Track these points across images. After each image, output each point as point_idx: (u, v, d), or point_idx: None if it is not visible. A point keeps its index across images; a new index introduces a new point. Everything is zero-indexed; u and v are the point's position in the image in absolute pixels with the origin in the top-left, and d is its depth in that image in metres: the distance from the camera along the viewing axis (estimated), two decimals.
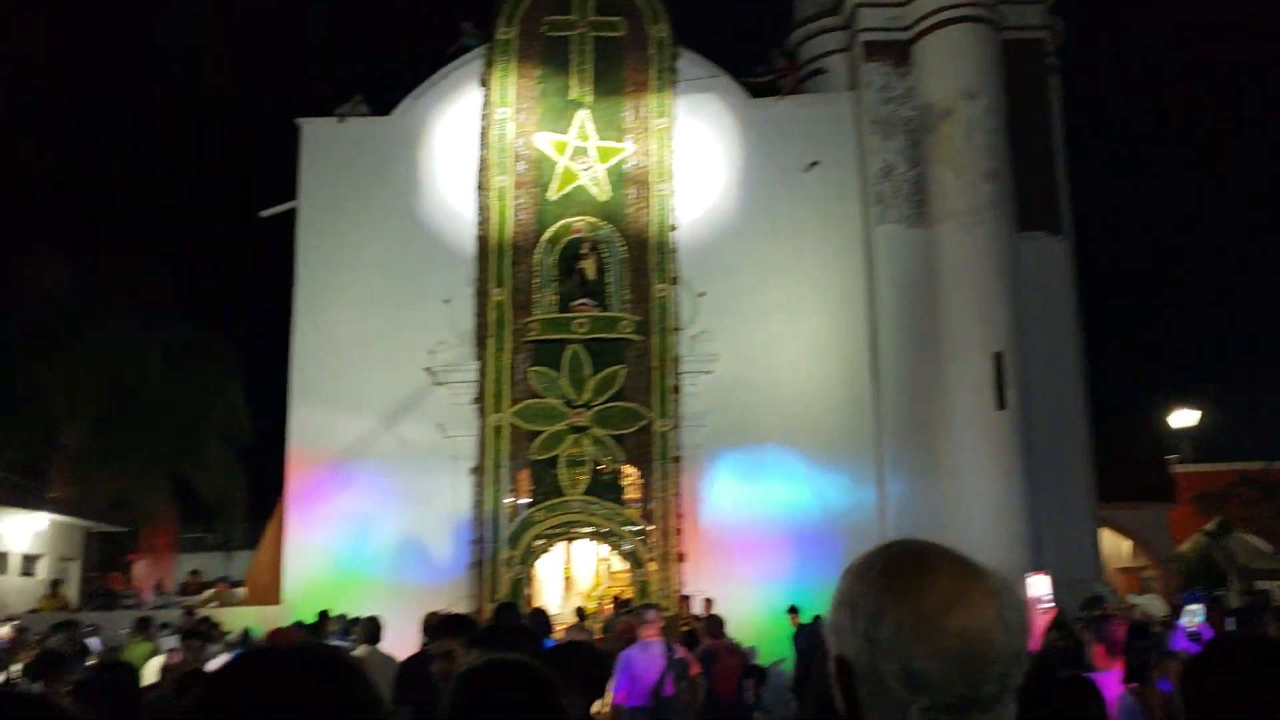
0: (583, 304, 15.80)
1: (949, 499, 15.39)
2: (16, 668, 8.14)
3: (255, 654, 1.50)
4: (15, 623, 11.48)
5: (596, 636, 12.35)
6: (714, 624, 9.49)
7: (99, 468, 20.78)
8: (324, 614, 11.82)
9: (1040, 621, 6.26)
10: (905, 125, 16.88)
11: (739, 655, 8.88)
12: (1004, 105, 16.67)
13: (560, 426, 15.43)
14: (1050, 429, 15.94)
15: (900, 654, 1.28)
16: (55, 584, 18.61)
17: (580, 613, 13.56)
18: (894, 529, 15.48)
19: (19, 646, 10.75)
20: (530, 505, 15.31)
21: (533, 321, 15.79)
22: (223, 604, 16.20)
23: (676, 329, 15.93)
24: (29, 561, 20.79)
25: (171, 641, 10.74)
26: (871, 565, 1.39)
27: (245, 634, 10.73)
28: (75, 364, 19.86)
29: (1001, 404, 15.48)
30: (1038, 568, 6.69)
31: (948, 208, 16.22)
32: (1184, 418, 25.06)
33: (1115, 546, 21.64)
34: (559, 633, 10.49)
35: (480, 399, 15.74)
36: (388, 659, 7.73)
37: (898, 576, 1.34)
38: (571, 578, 17.31)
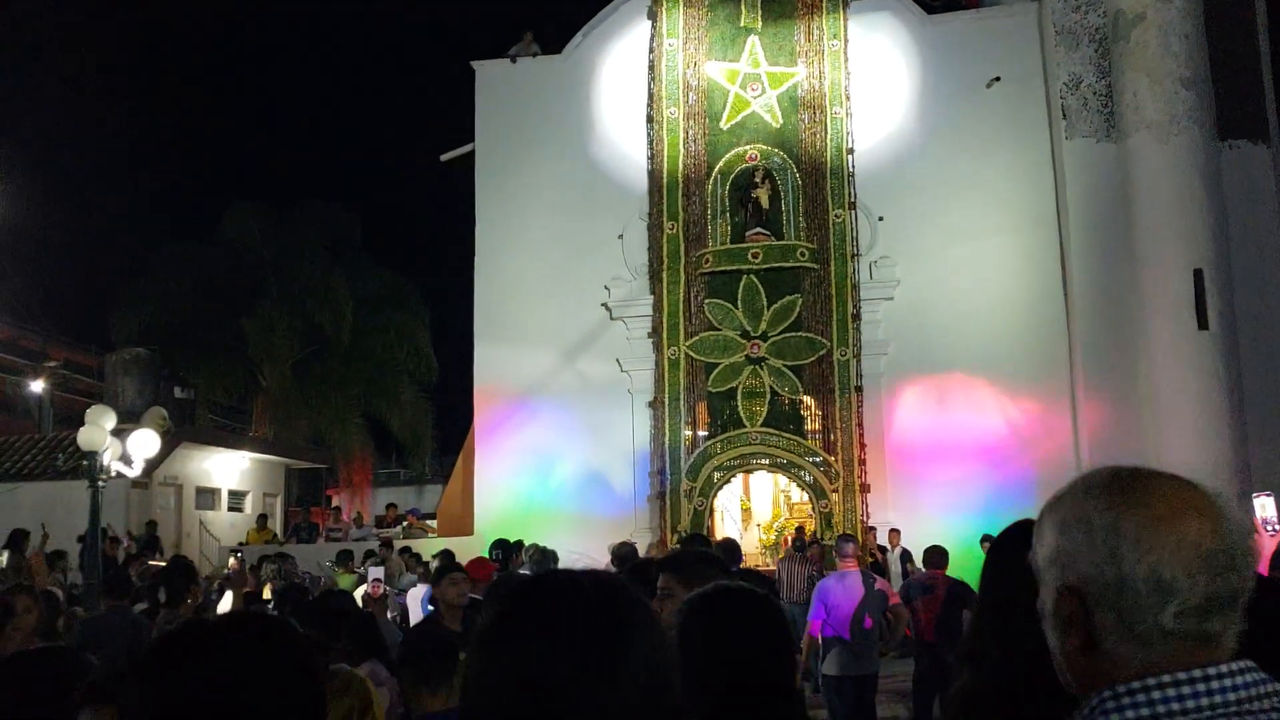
0: (758, 234, 15.66)
1: (1149, 425, 14.72)
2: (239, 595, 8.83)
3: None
4: (239, 554, 12.30)
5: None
6: (935, 555, 9.25)
7: (298, 408, 22.00)
8: (500, 543, 12.12)
9: (1269, 545, 5.90)
10: (1093, 34, 15.98)
11: (958, 586, 8.65)
12: (1202, 8, 15.58)
13: (737, 358, 15.42)
14: (1257, 349, 15.02)
15: (1148, 557, 1.25)
16: (262, 518, 19.80)
17: (800, 539, 13.49)
18: (1090, 456, 14.93)
19: (243, 576, 11.50)
20: (709, 438, 15.39)
21: (707, 254, 15.76)
22: (414, 536, 16.97)
23: (855, 255, 15.64)
24: (236, 497, 22.17)
25: (376, 572, 11.33)
26: (1092, 483, 1.36)
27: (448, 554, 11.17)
28: (273, 311, 21.00)
29: (1203, 324, 14.64)
30: (1262, 489, 6.29)
31: (1142, 118, 15.32)
32: None
33: None
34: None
35: (656, 333, 15.86)
36: None
37: (1126, 489, 1.32)
38: (750, 509, 17.41)
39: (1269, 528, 5.78)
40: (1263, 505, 5.78)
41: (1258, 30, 16.37)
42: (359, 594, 10.19)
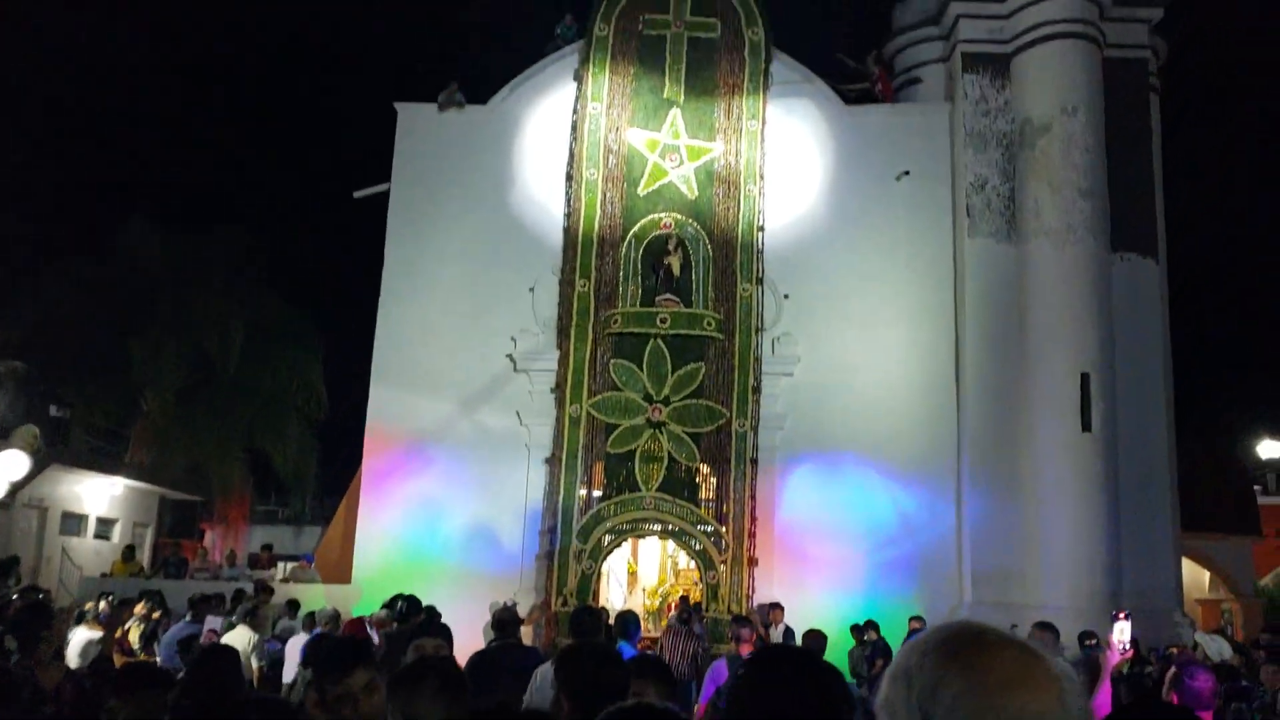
0: (667, 299, 15.79)
1: (1029, 520, 15.16)
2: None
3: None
4: (110, 597, 11.75)
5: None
6: (812, 639, 9.18)
7: (179, 436, 21.24)
8: (397, 599, 11.72)
9: (1114, 660, 6.11)
10: (1001, 139, 16.67)
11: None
12: (1103, 123, 16.40)
13: (638, 420, 15.43)
14: (1135, 454, 15.63)
15: None
16: (129, 549, 18.99)
17: (685, 610, 13.16)
18: (971, 548, 15.30)
19: (114, 620, 11.02)
20: (603, 499, 15.32)
21: (616, 314, 15.81)
22: (295, 580, 16.44)
23: (759, 329, 15.86)
24: (104, 525, 21.24)
25: (214, 622, 10.80)
26: (930, 640, 1.34)
27: (335, 615, 10.82)
28: (163, 334, 20.32)
29: (1086, 426, 15.21)
30: (1120, 610, 6.50)
31: (1041, 224, 15.98)
32: (1271, 449, 24.44)
33: (1195, 577, 21.13)
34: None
35: (560, 388, 15.80)
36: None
37: (957, 652, 1.29)
38: (636, 573, 17.32)
39: (1121, 646, 5.96)
40: (1121, 630, 5.97)
41: (1153, 149, 17.26)
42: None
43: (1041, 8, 16.43)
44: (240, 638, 9.47)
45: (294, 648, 9.96)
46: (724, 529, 14.98)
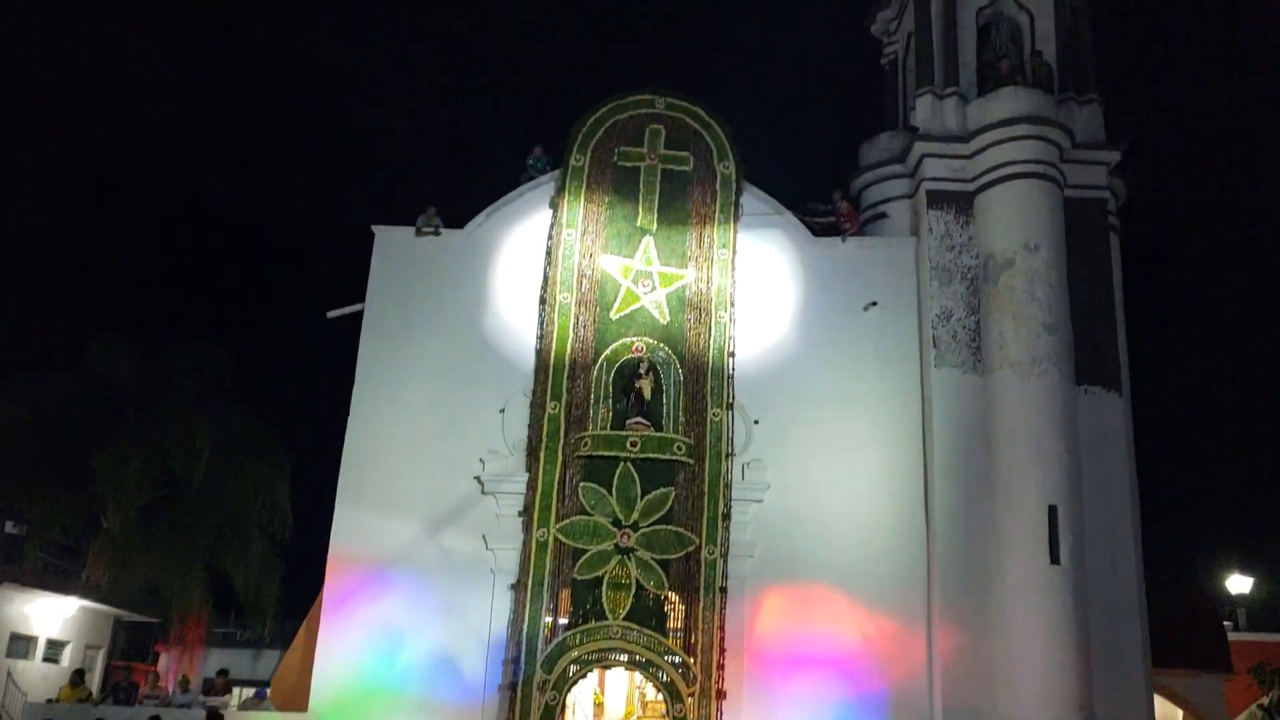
0: (638, 423, 15.80)
1: (999, 653, 15.00)
2: None
3: None
4: None
5: None
6: None
7: (138, 554, 20.80)
8: None
9: None
10: (966, 273, 17.04)
11: None
12: (1065, 260, 16.81)
13: (607, 546, 15.27)
14: (1104, 588, 15.59)
15: None
16: (78, 673, 18.39)
17: None
18: (941, 681, 15.08)
19: None
20: (569, 627, 15.03)
21: (586, 437, 15.80)
22: (248, 709, 15.93)
23: (729, 455, 15.86)
24: (54, 647, 20.62)
25: None
26: None
27: None
28: (128, 449, 20.06)
29: (1055, 558, 15.18)
30: None
31: (1006, 356, 16.23)
32: (1240, 584, 24.42)
33: (1167, 715, 20.83)
34: None
35: (527, 512, 15.65)
36: None
37: None
38: (603, 704, 16.93)
39: None
40: None
41: (1114, 286, 17.65)
42: None
43: (1003, 149, 17.00)
44: None
45: None
46: (692, 660, 14.71)
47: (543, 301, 16.78)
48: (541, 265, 17.03)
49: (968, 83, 18.28)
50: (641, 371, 16.15)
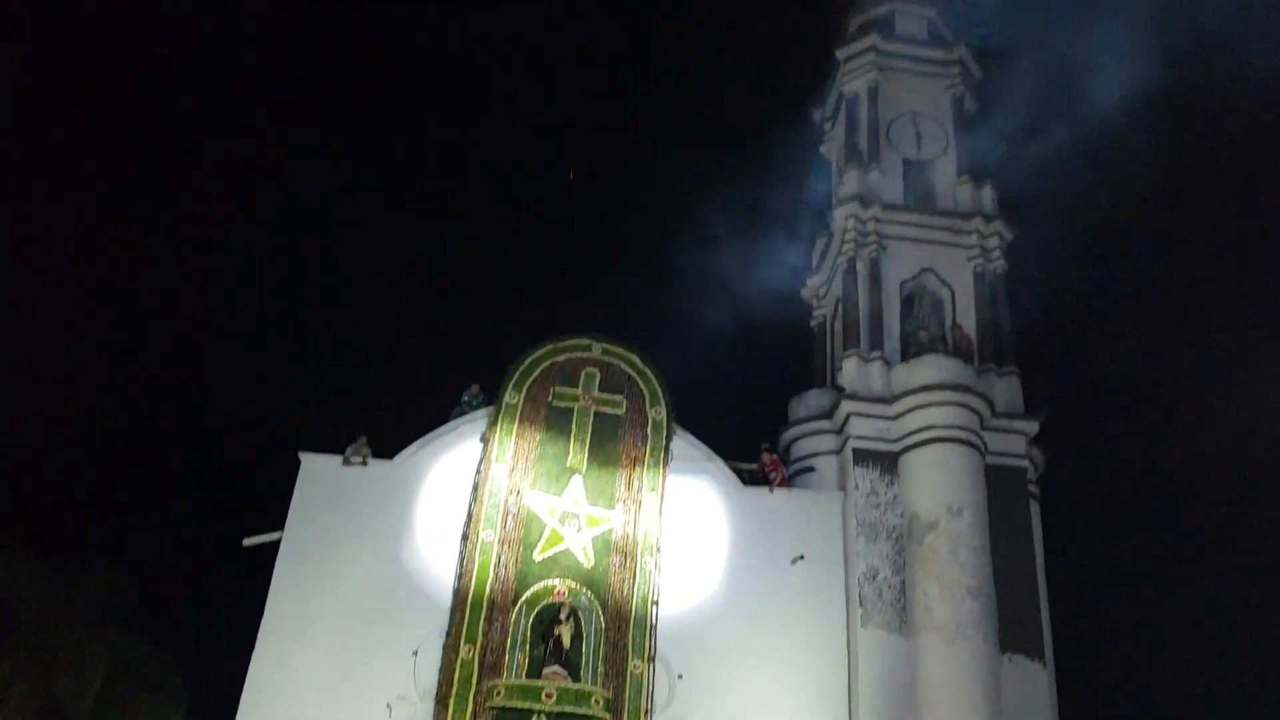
0: (554, 673, 15.28)
1: None
2: None
3: None
4: None
5: None
6: None
7: None
8: None
9: None
10: (891, 531, 17.20)
11: None
12: (987, 525, 17.06)
13: None
14: None
15: None
16: None
17: None
18: None
19: None
20: None
21: (499, 685, 15.19)
22: None
23: (649, 711, 15.31)
24: None
25: None
26: None
27: None
28: (13, 673, 18.84)
29: None
30: None
31: (931, 619, 16.18)
32: None
33: None
34: None
35: None
36: None
37: None
38: None
39: None
40: None
41: (1035, 553, 17.87)
42: None
43: (926, 413, 17.57)
44: None
45: None
46: None
47: (465, 538, 16.51)
48: (467, 500, 16.87)
49: (892, 348, 19.08)
50: (562, 617, 15.79)
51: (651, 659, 15.73)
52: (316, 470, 17.06)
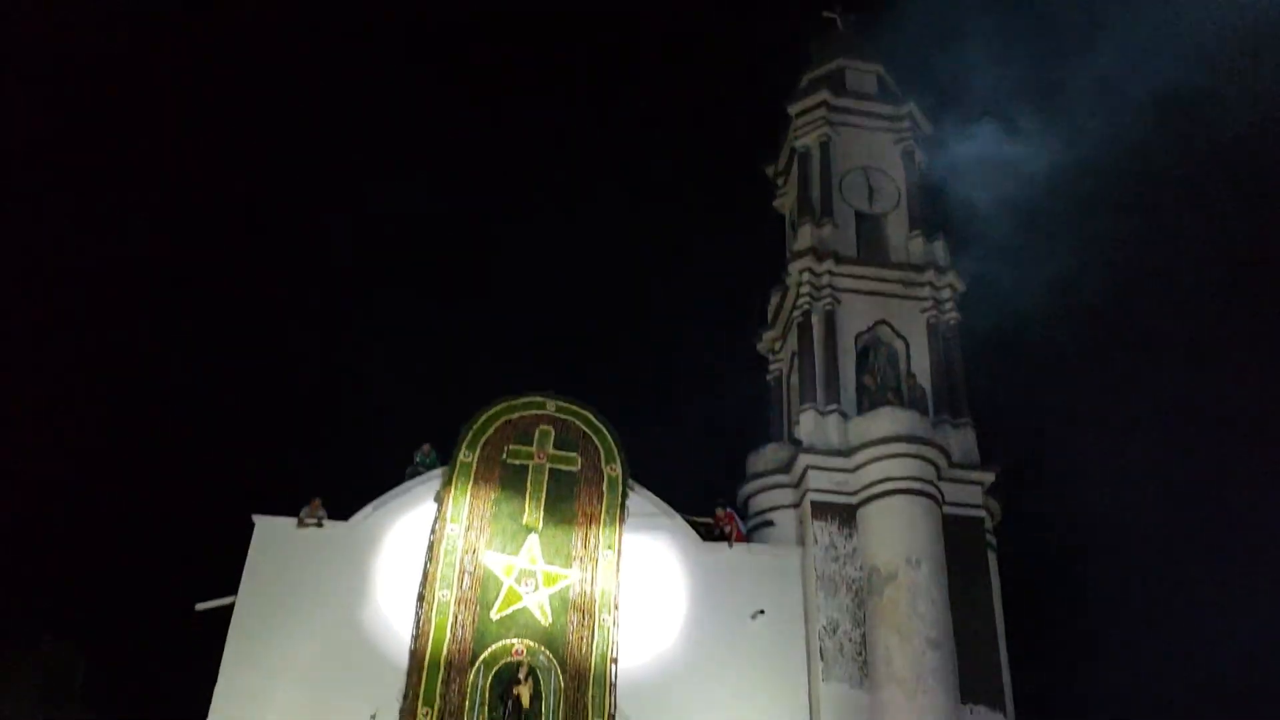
0: None
1: None
2: None
3: None
4: None
5: None
6: None
7: None
8: None
9: None
10: (851, 584, 17.17)
11: None
12: (946, 575, 17.08)
13: None
14: None
15: None
16: None
17: None
18: None
19: None
20: None
21: None
22: None
23: None
24: None
25: None
26: None
27: None
28: None
29: None
30: None
31: (892, 672, 16.12)
32: None
33: None
34: None
35: None
36: None
37: None
38: None
39: None
40: None
41: (993, 604, 17.88)
42: None
43: (883, 465, 17.64)
44: None
45: None
46: None
47: (421, 598, 16.27)
48: (423, 560, 16.65)
49: (848, 401, 19.18)
50: (520, 676, 15.58)
51: (611, 717, 15.53)
52: (270, 532, 16.77)
